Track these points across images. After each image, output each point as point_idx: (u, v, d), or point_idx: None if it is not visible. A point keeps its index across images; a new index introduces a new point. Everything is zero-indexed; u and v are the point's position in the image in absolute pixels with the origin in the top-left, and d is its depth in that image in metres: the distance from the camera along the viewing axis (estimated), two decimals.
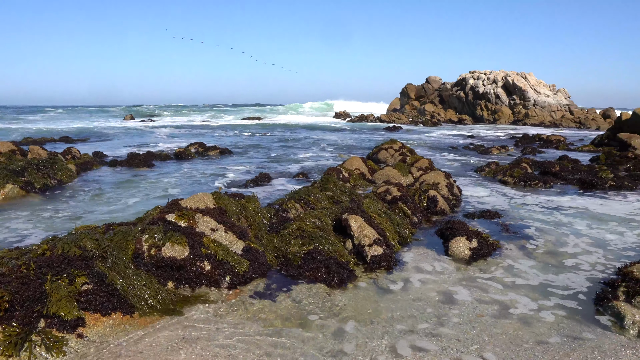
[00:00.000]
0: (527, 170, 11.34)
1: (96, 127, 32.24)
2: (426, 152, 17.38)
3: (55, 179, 9.44)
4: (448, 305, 4.14)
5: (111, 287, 3.75)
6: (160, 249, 4.31)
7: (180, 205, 5.02)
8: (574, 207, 8.05)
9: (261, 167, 13.21)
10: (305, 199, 6.51)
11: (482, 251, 5.41)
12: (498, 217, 7.17)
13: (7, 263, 3.68)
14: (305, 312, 3.92)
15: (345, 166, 10.16)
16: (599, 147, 17.98)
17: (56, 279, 3.59)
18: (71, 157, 12.53)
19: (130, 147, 18.17)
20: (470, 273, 4.95)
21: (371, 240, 5.20)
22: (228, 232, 4.78)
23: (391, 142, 13.18)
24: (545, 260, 5.36)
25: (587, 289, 4.52)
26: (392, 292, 4.43)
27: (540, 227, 6.72)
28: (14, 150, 11.27)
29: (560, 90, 49.35)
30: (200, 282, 4.26)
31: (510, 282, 4.71)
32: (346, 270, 4.71)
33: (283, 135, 26.80)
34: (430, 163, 10.49)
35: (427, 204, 7.46)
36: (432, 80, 57.69)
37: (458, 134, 29.32)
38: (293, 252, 4.92)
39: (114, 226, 5.08)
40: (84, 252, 4.00)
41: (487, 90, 48.42)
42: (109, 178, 10.77)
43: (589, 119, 42.02)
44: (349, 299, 4.23)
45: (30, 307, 3.31)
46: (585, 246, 5.86)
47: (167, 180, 10.54)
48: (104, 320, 3.54)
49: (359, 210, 5.82)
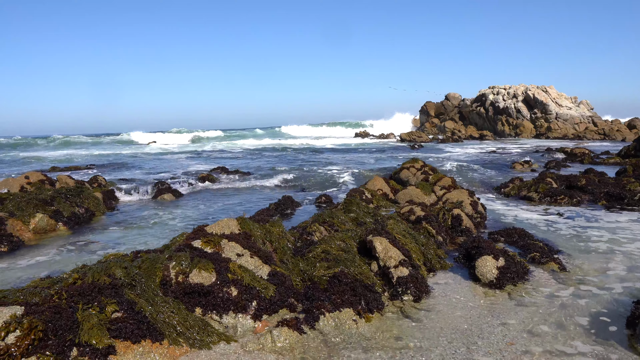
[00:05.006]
0: (552, 185, 11.16)
1: (120, 153, 32.90)
2: (448, 170, 17.27)
3: (83, 207, 9.64)
4: (477, 332, 4.04)
5: (140, 314, 3.80)
6: (188, 275, 4.36)
7: (205, 231, 5.08)
8: (603, 224, 7.86)
9: (283, 189, 13.28)
10: (329, 221, 6.52)
11: (509, 270, 5.31)
12: (525, 235, 7.03)
13: (39, 293, 3.76)
14: (332, 345, 3.88)
15: (368, 187, 10.16)
16: (625, 158, 17.62)
17: (87, 307, 3.66)
18: (97, 185, 12.81)
19: (153, 174, 18.48)
20: (499, 298, 4.83)
21: (397, 261, 5.17)
22: (254, 257, 4.81)
23: (413, 161, 13.15)
24: (576, 282, 5.16)
25: (622, 314, 4.29)
26: (419, 319, 4.35)
27: (569, 246, 6.55)
28: (43, 179, 11.57)
29: (583, 102, 48.74)
30: (227, 308, 4.28)
31: (540, 307, 4.55)
32: (372, 292, 4.68)
33: (304, 157, 26.94)
34: (453, 181, 10.42)
35: (451, 223, 7.39)
36: (451, 97, 57.61)
37: (480, 151, 29.08)
38: (319, 276, 4.91)
39: (142, 254, 5.15)
40: (113, 280, 4.06)
41: (508, 105, 48.09)
42: (134, 205, 10.95)
43: (614, 130, 41.31)
44: (376, 328, 4.18)
45: (63, 336, 3.37)
46: (620, 268, 5.57)
47: (191, 206, 10.68)
48: (134, 347, 3.58)
49: (383, 231, 5.80)
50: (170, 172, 19.14)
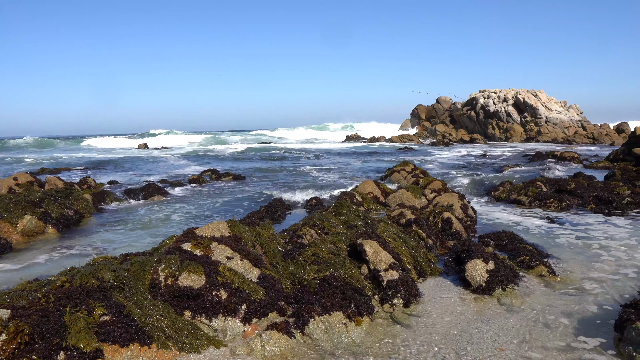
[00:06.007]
0: (542, 189, 11.23)
1: (110, 155, 32.70)
2: (439, 173, 17.33)
3: (72, 209, 9.56)
4: (467, 338, 4.04)
5: (129, 317, 3.77)
6: (177, 278, 4.33)
7: (195, 234, 5.06)
8: (592, 228, 7.93)
9: (274, 192, 13.27)
10: (319, 224, 6.51)
11: (499, 273, 5.33)
12: (514, 239, 7.07)
13: (27, 296, 3.72)
14: (322, 351, 3.87)
15: (359, 190, 10.17)
16: (614, 162, 17.78)
17: (75, 310, 3.62)
18: (87, 187, 12.71)
19: (144, 175, 18.39)
20: (488, 303, 4.84)
21: (387, 264, 5.17)
22: (244, 260, 4.79)
23: (403, 164, 13.19)
24: (565, 286, 5.20)
25: (610, 317, 4.31)
26: (409, 325, 4.35)
27: (558, 250, 6.60)
28: (31, 181, 11.45)
29: (572, 107, 49.17)
30: (217, 311, 4.26)
31: (529, 312, 4.57)
32: (362, 295, 4.68)
33: (296, 160, 26.93)
34: (444, 184, 10.46)
35: (441, 226, 7.42)
36: (442, 100, 57.90)
37: (470, 154, 29.24)
38: (309, 279, 4.90)
39: (131, 256, 5.11)
40: (101, 283, 4.03)
41: (498, 108, 48.41)
42: (123, 207, 10.88)
43: (603, 135, 41.71)
44: (365, 333, 4.18)
45: (50, 340, 3.33)
46: (608, 272, 5.61)
47: (181, 208, 10.63)
48: (122, 351, 3.55)
49: (373, 234, 5.80)
50: (161, 174, 19.05)
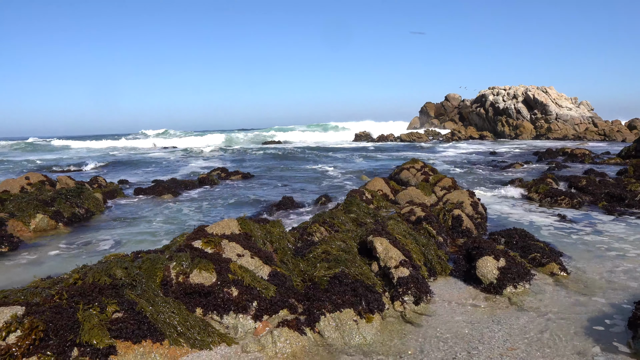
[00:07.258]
0: (553, 186, 11.16)
1: (120, 154, 32.91)
2: (448, 170, 17.27)
3: (83, 208, 9.64)
4: (478, 337, 4.02)
5: (141, 314, 3.80)
6: (188, 275, 4.36)
7: (206, 231, 5.08)
8: (604, 225, 7.86)
9: (283, 190, 13.28)
10: (329, 221, 6.51)
11: (510, 270, 5.29)
12: (525, 236, 7.02)
13: (40, 293, 3.76)
14: (332, 348, 3.88)
15: (368, 187, 10.16)
16: (626, 159, 17.61)
17: (88, 307, 3.66)
18: (97, 186, 12.81)
19: (154, 174, 18.50)
20: (500, 302, 4.81)
21: (397, 262, 5.16)
22: (254, 257, 4.81)
23: (413, 162, 13.14)
24: (577, 284, 5.15)
25: (623, 315, 4.26)
26: (419, 324, 4.34)
27: (570, 247, 6.55)
28: (43, 180, 11.56)
29: (583, 103, 48.73)
30: (228, 309, 4.28)
31: (541, 310, 4.53)
32: (373, 293, 4.67)
33: (305, 158, 26.95)
34: (454, 181, 10.42)
35: (451, 224, 7.39)
36: (451, 97, 57.64)
37: (480, 151, 29.09)
38: (319, 276, 4.91)
39: (142, 254, 5.15)
40: (114, 280, 4.07)
41: (508, 105, 48.10)
42: (134, 206, 10.96)
43: (614, 131, 41.31)
44: (376, 331, 4.17)
45: (64, 336, 3.37)
46: (621, 270, 5.55)
47: (191, 207, 10.68)
48: (134, 348, 3.58)
49: (383, 231, 5.80)
50: (170, 173, 19.15)
